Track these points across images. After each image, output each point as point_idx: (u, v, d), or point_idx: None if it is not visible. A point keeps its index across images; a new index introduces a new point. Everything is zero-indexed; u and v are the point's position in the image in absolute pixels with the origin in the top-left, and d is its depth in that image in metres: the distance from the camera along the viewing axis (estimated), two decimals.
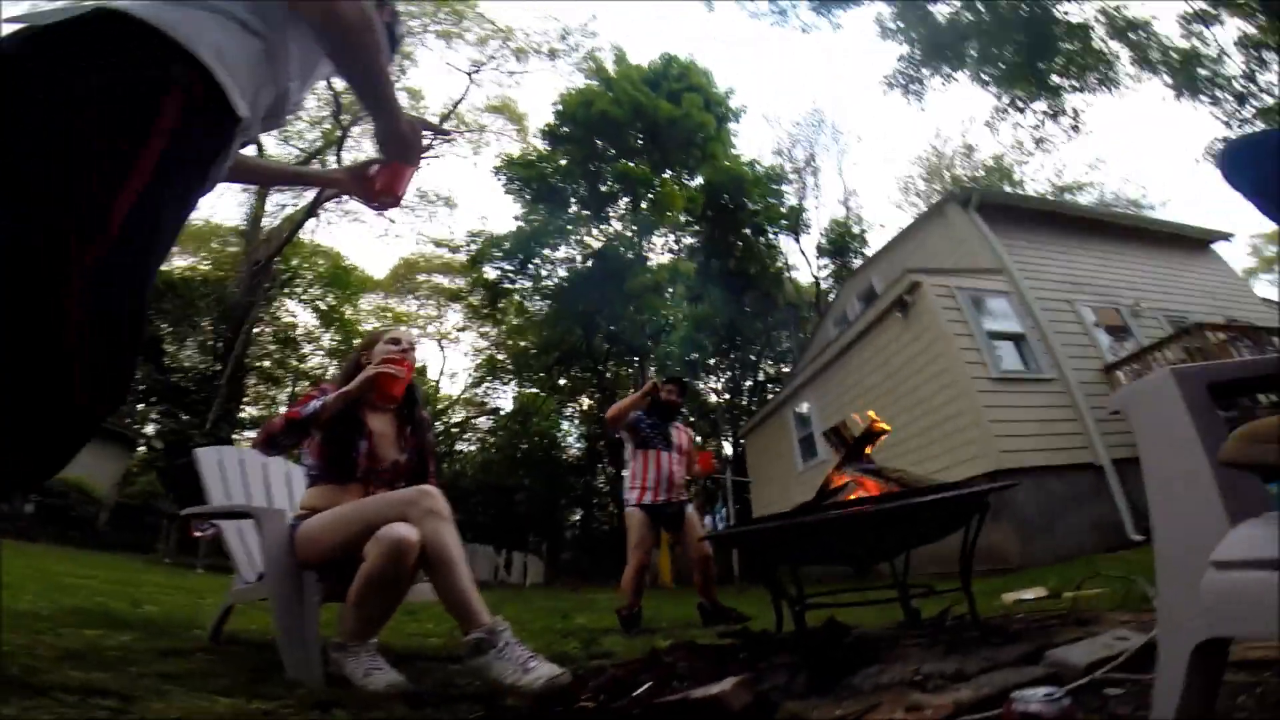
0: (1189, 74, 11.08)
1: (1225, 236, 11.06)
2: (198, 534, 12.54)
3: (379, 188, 1.23)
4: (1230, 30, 10.68)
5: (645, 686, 1.72)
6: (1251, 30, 10.42)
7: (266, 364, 27.68)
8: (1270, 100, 10.61)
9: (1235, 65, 10.84)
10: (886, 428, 2.09)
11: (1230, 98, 11.07)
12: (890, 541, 1.77)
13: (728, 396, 25.71)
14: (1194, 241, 10.90)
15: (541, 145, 23.77)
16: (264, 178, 1.32)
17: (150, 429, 20.90)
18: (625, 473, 4.11)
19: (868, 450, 2.17)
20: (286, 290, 26.70)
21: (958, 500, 1.62)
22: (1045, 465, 7.06)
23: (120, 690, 1.25)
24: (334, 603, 2.20)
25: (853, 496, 1.84)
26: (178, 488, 16.74)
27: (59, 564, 6.21)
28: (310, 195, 20.07)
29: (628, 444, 4.13)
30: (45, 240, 0.63)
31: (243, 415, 24.24)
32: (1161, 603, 0.71)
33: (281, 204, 22.80)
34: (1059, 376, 7.87)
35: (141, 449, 19.90)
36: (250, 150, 1.25)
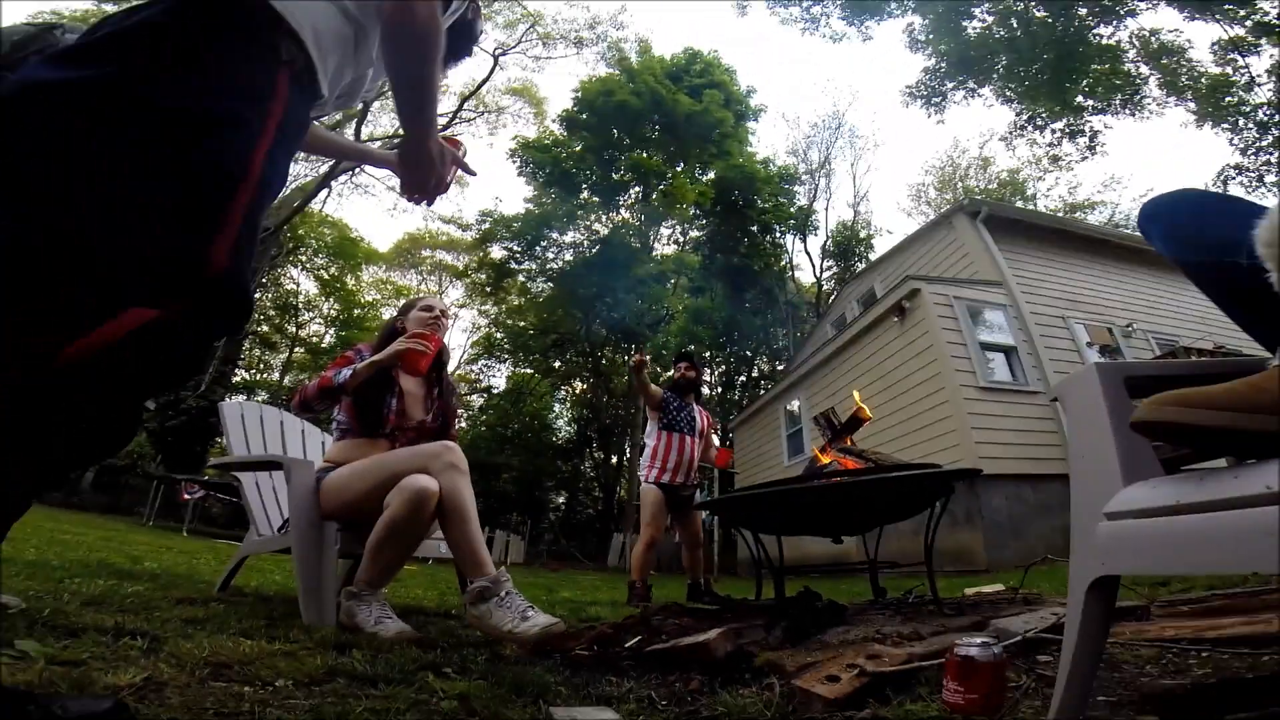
0: (1214, 100, 11.00)
1: None
2: (187, 496, 12.63)
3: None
4: (1264, 59, 10.55)
5: (636, 639, 1.88)
6: None
7: (265, 329, 27.73)
8: None
9: (1263, 94, 10.74)
10: (870, 415, 2.25)
11: (1252, 125, 11.05)
12: (865, 513, 1.94)
13: (720, 390, 25.92)
14: None
15: (558, 130, 23.76)
16: (324, 148, 1.42)
17: None
18: (645, 451, 4.09)
19: (848, 440, 2.34)
20: (291, 258, 26.70)
21: (925, 478, 1.79)
22: (1021, 473, 7.29)
23: (150, 631, 1.31)
24: (347, 559, 2.35)
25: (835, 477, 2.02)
26: (168, 449, 16.75)
27: (47, 522, 6.27)
28: (326, 166, 19.96)
29: (651, 421, 4.18)
30: (209, 173, 0.74)
31: (236, 379, 24.29)
32: (1071, 550, 0.87)
33: (296, 174, 22.77)
34: (1045, 390, 8.07)
35: None
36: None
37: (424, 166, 1.11)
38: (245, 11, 0.82)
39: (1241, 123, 11.00)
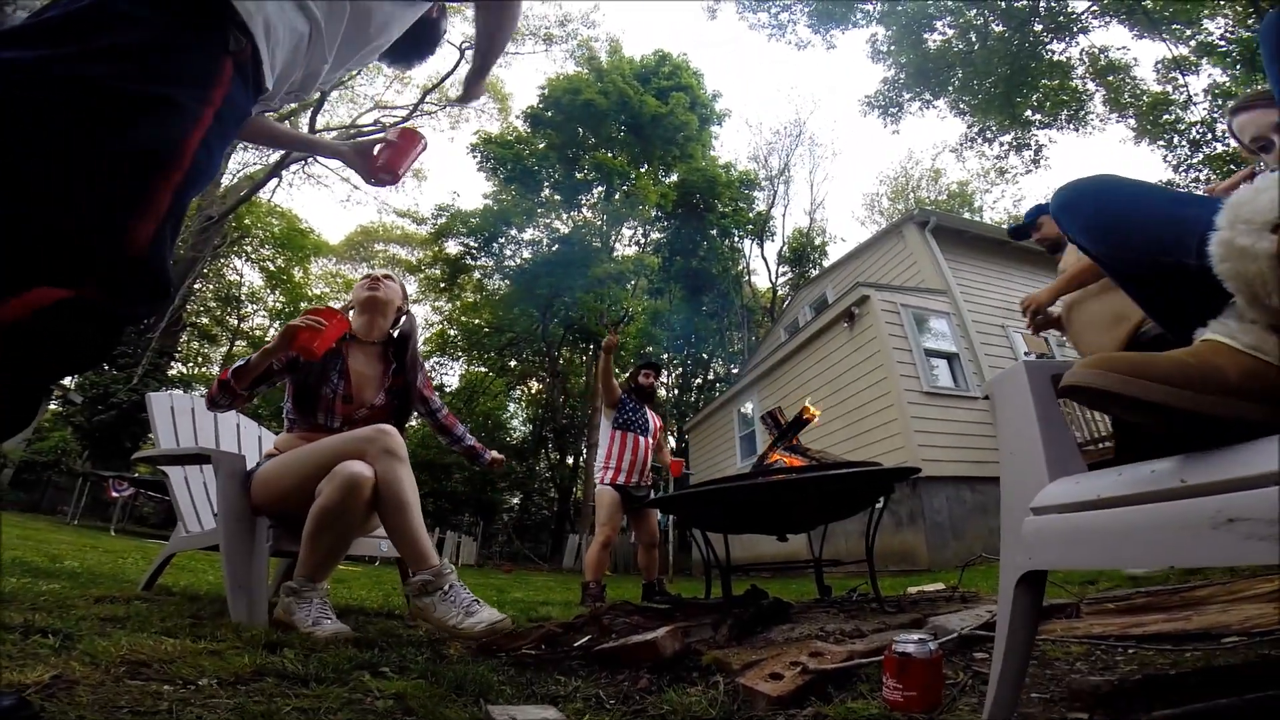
0: (1153, 118, 11.50)
1: None
2: (115, 495, 11.95)
3: (379, 165, 1.28)
4: (1203, 79, 11.10)
5: (586, 638, 1.87)
6: (1224, 79, 10.85)
7: (205, 321, 26.47)
8: (1221, 147, 11.11)
9: (1198, 112, 11.24)
10: (816, 413, 2.30)
11: (1185, 144, 11.60)
12: (808, 511, 1.98)
13: (676, 392, 26.09)
14: None
15: (522, 127, 23.47)
16: (269, 139, 1.38)
17: (69, 381, 19.63)
18: (600, 451, 4.10)
19: (794, 440, 2.39)
20: (236, 248, 25.55)
21: (866, 476, 1.83)
22: (960, 475, 7.58)
23: (63, 629, 1.25)
24: (280, 557, 2.24)
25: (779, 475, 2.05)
26: (96, 445, 15.80)
27: None
28: (276, 155, 19.20)
29: (605, 422, 4.18)
30: (139, 154, 0.72)
31: (172, 372, 23.09)
32: (1001, 546, 0.90)
33: (244, 163, 21.81)
34: (983, 395, 8.42)
35: (55, 405, 18.65)
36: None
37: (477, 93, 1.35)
38: None
39: (1176, 140, 11.58)
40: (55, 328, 0.69)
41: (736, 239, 26.19)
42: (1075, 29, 11.27)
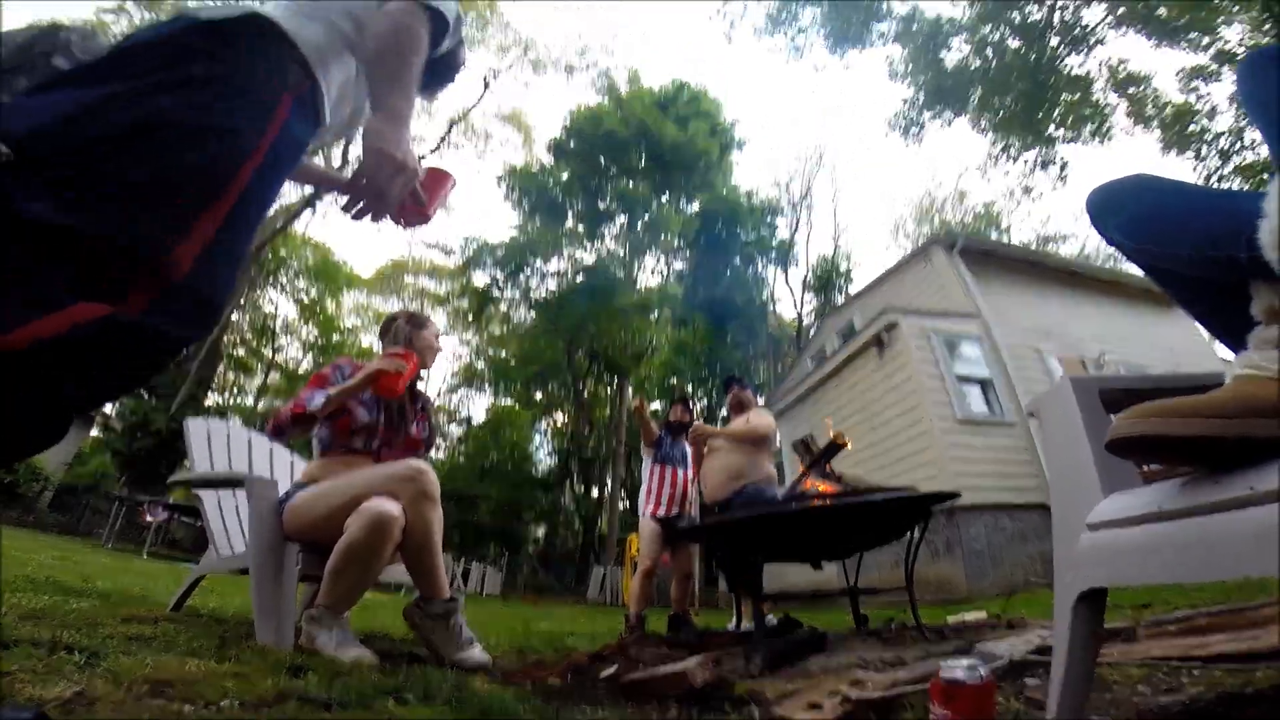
0: (1179, 129, 11.26)
1: None
2: (150, 519, 12.21)
3: (409, 204, 1.29)
4: (1226, 87, 10.68)
5: (612, 668, 1.82)
6: None
7: (241, 352, 27.25)
8: (1251, 156, 10.87)
9: (1224, 121, 10.78)
10: (848, 442, 2.24)
11: (1215, 154, 11.36)
12: (844, 537, 1.92)
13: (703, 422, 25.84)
14: (1162, 298, 11.24)
15: (546, 158, 24.06)
16: (305, 176, 1.41)
17: (110, 408, 20.31)
18: (642, 486, 4.25)
19: (827, 467, 2.32)
20: (272, 279, 26.41)
21: (904, 501, 1.77)
22: (1000, 503, 7.33)
23: (89, 647, 1.24)
24: (307, 582, 2.25)
25: (815, 501, 1.99)
26: (134, 471, 16.23)
27: None
28: (309, 187, 19.93)
29: (646, 458, 4.32)
30: (189, 181, 0.75)
31: (208, 402, 23.74)
32: (1055, 566, 0.85)
33: (281, 194, 22.66)
34: (1019, 421, 8.16)
35: (96, 432, 19.30)
36: None
37: (389, 165, 0.98)
38: (258, 34, 0.86)
39: (1204, 150, 11.27)
40: (93, 343, 0.70)
41: (761, 267, 26.18)
42: (1091, 41, 11.15)
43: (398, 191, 0.95)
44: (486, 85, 21.65)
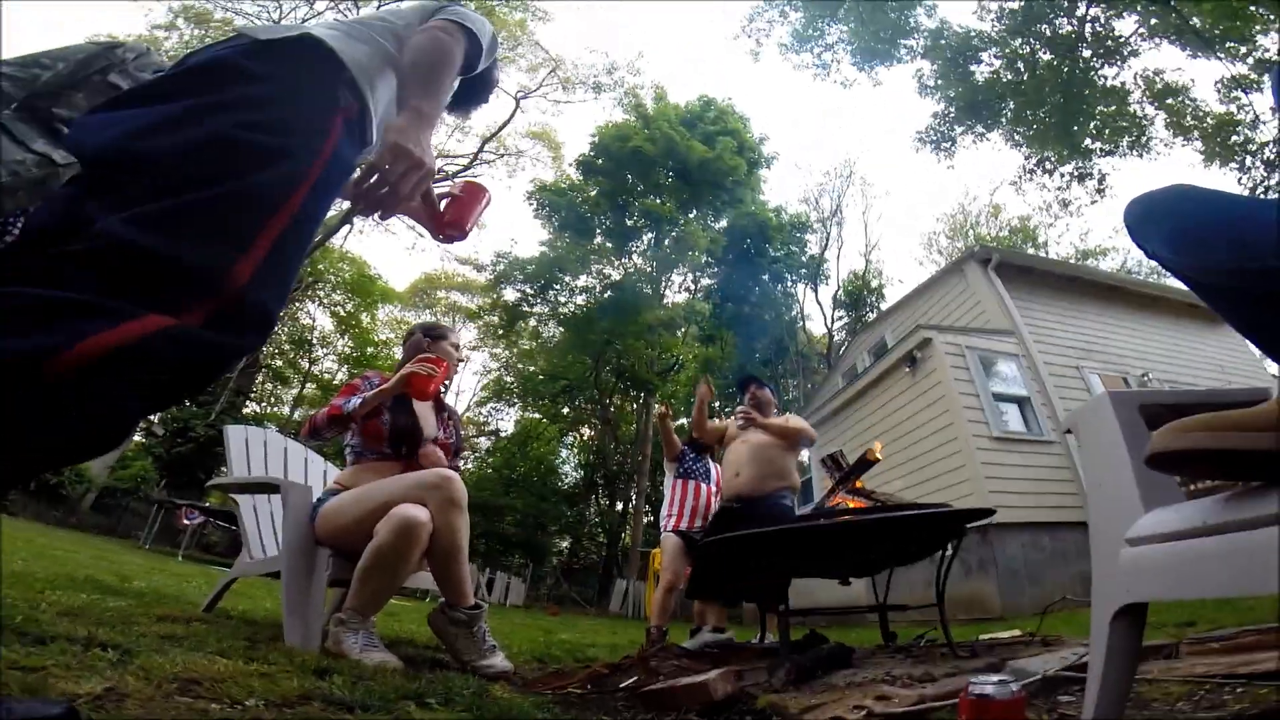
0: (1221, 139, 10.89)
1: None
2: (187, 522, 12.58)
3: (447, 220, 1.24)
4: (1267, 96, 10.22)
5: (632, 679, 1.81)
6: None
7: (279, 363, 28.01)
8: None
9: (1269, 131, 10.35)
10: (879, 456, 2.20)
11: (1260, 164, 10.92)
12: (874, 553, 1.87)
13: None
14: (1209, 313, 10.80)
15: (574, 174, 24.35)
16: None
17: (154, 415, 20.98)
18: (664, 501, 4.30)
19: (858, 483, 2.28)
20: (310, 293, 27.18)
21: (935, 518, 1.72)
22: (1038, 521, 7.07)
23: (123, 644, 1.28)
24: (337, 586, 2.29)
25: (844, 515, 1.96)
26: (173, 475, 16.76)
27: (40, 537, 6.27)
28: (347, 203, 20.58)
29: (669, 473, 4.36)
30: (250, 199, 0.78)
31: (246, 410, 24.41)
32: (1093, 581, 0.82)
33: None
34: (1059, 440, 7.90)
35: (139, 437, 19.98)
36: None
37: (405, 154, 0.97)
38: (311, 56, 0.90)
39: (1249, 161, 10.85)
40: (159, 353, 0.73)
41: (789, 283, 25.95)
42: (1125, 52, 10.87)
43: (410, 188, 0.93)
44: (518, 104, 22.08)
